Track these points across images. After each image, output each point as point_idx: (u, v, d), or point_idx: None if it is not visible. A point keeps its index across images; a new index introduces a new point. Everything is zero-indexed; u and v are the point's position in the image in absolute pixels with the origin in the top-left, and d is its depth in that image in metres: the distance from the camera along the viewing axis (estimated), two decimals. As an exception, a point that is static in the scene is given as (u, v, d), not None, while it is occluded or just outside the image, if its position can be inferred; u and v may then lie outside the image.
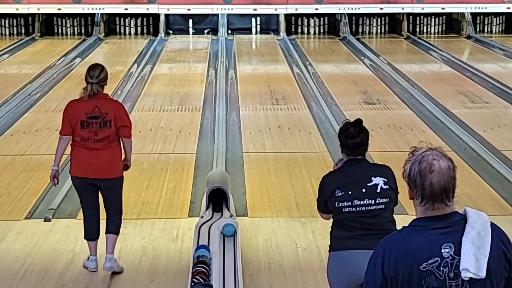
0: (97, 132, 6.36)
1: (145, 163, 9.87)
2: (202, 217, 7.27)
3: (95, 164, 6.38)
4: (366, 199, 4.68)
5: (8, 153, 10.34)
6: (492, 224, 3.06)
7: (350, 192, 4.68)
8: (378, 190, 4.69)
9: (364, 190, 4.68)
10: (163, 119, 12.10)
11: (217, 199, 7.49)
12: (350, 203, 4.68)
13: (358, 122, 4.84)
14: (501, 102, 13.30)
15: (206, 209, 7.36)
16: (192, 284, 5.72)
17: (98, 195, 6.53)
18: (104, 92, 6.56)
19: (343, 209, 4.71)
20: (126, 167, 6.70)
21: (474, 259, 2.95)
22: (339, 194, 4.70)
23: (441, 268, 2.98)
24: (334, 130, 11.30)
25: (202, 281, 5.73)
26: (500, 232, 3.08)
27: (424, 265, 2.99)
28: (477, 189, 8.78)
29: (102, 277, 6.45)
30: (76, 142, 6.43)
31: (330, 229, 4.92)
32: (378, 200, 4.69)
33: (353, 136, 4.75)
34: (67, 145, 6.46)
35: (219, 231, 6.81)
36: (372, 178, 4.71)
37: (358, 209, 4.69)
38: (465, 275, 2.95)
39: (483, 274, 2.96)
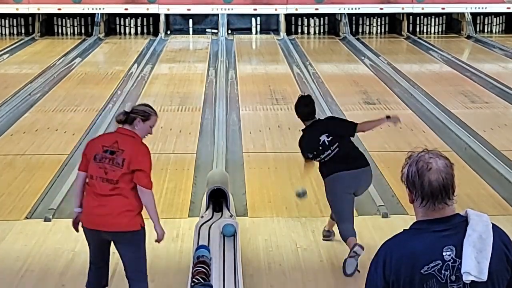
0: (107, 169, 5.35)
1: (145, 163, 9.86)
2: (202, 217, 7.27)
3: (103, 213, 5.36)
4: (329, 150, 6.66)
5: (8, 153, 10.34)
6: (493, 226, 3.04)
7: (320, 149, 6.68)
8: (328, 141, 6.66)
9: (326, 144, 6.67)
10: (163, 119, 12.09)
11: (217, 199, 7.50)
12: (323, 156, 6.68)
13: (308, 95, 7.15)
14: (501, 102, 13.30)
15: (206, 209, 7.37)
16: (192, 284, 5.73)
17: (110, 248, 5.62)
18: (133, 131, 5.53)
19: (322, 160, 6.71)
20: (157, 235, 5.59)
21: (475, 262, 2.93)
22: (311, 156, 6.76)
23: (443, 272, 2.96)
24: (334, 130, 11.31)
25: (202, 281, 5.73)
26: (502, 233, 3.07)
27: (425, 268, 2.97)
28: (477, 189, 8.78)
29: (102, 277, 6.44)
30: (88, 183, 5.51)
31: (319, 168, 6.73)
32: (334, 146, 6.65)
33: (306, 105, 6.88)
34: (82, 182, 5.56)
35: (219, 231, 6.81)
36: (323, 135, 6.71)
37: (327, 157, 6.66)
38: (467, 278, 2.94)
39: (484, 277, 2.94)
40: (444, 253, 2.97)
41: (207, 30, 22.20)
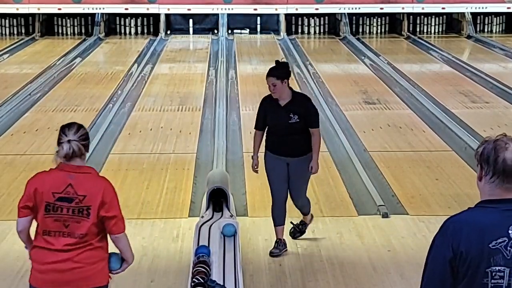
0: (68, 222, 4.37)
1: (145, 163, 9.87)
2: (202, 217, 7.26)
3: (65, 269, 4.41)
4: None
5: (8, 153, 10.34)
6: None
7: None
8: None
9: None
10: (163, 119, 12.10)
11: (218, 199, 7.49)
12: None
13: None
14: (501, 102, 13.30)
15: (206, 209, 7.36)
16: (192, 284, 5.72)
17: None
18: (89, 166, 4.51)
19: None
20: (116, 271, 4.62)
21: None
22: None
23: (509, 248, 3.05)
24: (334, 130, 11.32)
25: (202, 281, 5.72)
26: None
27: (493, 243, 3.06)
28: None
29: (102, 277, 6.44)
30: (37, 235, 4.47)
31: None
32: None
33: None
34: (24, 229, 4.53)
35: (219, 231, 6.80)
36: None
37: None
38: None
39: None
40: (510, 231, 3.07)
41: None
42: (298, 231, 7.27)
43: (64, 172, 4.43)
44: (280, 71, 6.88)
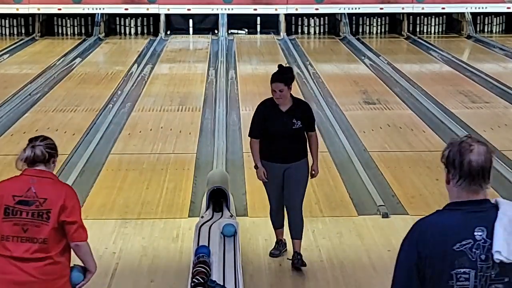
0: (27, 226, 4.21)
1: (145, 163, 9.87)
2: (202, 217, 7.27)
3: (24, 281, 4.19)
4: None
5: (8, 153, 10.33)
6: None
7: None
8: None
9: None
10: (163, 119, 12.10)
11: (217, 199, 7.49)
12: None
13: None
14: (501, 102, 13.30)
15: (206, 209, 7.36)
16: (192, 284, 5.72)
17: None
18: (52, 172, 4.42)
19: None
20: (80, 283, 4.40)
21: (505, 243, 3.04)
22: None
23: (473, 250, 3.07)
24: (334, 130, 11.32)
25: (202, 281, 5.72)
26: None
27: (457, 245, 3.07)
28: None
29: (102, 277, 6.43)
30: None
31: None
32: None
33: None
34: None
35: (219, 231, 6.81)
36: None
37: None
38: (497, 257, 3.04)
39: None
40: (475, 233, 3.08)
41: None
42: (299, 259, 6.66)
43: (26, 176, 4.35)
44: (286, 77, 6.70)
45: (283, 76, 6.68)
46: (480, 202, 3.14)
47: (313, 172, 6.78)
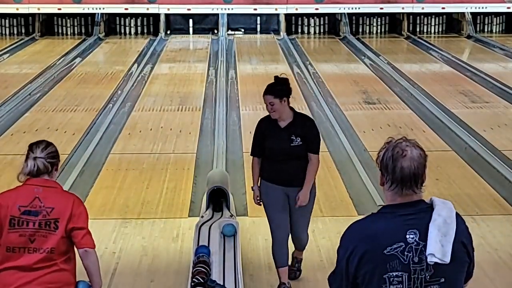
0: (34, 236, 4.14)
1: (145, 163, 9.87)
2: (202, 216, 7.26)
3: None
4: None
5: (8, 153, 10.34)
6: (456, 213, 3.17)
7: None
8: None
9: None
10: (163, 119, 12.10)
11: (217, 199, 7.49)
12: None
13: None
14: (501, 102, 13.30)
15: (206, 209, 7.36)
16: (192, 284, 5.72)
17: None
18: (56, 181, 4.38)
19: None
20: None
21: (440, 245, 3.04)
22: None
23: (405, 253, 3.07)
24: (334, 130, 11.31)
25: (202, 281, 5.72)
26: (461, 221, 3.19)
27: (388, 249, 3.07)
28: (477, 189, 8.77)
29: (102, 276, 6.43)
30: (2, 257, 4.19)
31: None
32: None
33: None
34: None
35: (219, 231, 6.80)
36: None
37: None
38: (431, 260, 3.04)
39: (447, 259, 3.05)
40: (407, 236, 3.08)
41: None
42: (296, 270, 6.50)
43: (30, 186, 4.23)
44: (278, 89, 6.01)
45: (274, 88, 6.02)
46: (414, 204, 3.14)
47: (297, 200, 6.00)
